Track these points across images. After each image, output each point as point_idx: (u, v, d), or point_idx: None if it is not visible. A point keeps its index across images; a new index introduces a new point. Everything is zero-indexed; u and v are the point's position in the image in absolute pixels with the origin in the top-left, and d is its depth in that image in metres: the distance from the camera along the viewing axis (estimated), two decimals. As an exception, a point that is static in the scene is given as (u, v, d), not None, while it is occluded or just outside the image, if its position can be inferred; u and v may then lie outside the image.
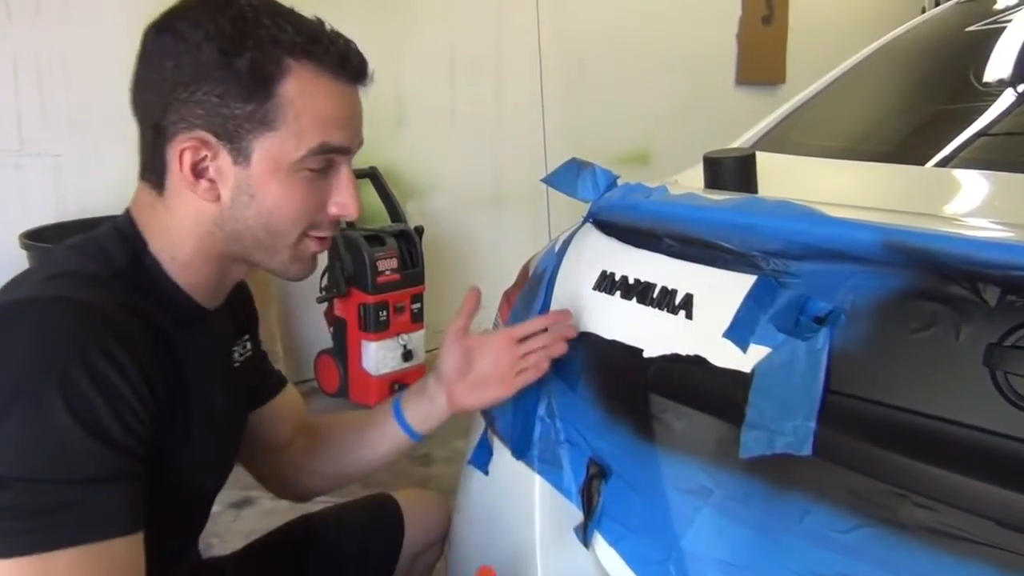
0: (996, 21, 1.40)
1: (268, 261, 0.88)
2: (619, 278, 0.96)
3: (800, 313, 0.75)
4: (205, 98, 0.78)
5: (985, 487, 0.63)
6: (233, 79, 0.78)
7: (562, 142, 3.85)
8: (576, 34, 3.93)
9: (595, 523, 0.96)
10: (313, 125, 0.81)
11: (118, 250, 0.83)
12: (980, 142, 1.11)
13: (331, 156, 0.84)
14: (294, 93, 0.80)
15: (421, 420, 1.10)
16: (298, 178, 0.82)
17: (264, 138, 0.80)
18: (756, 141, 1.35)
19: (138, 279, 0.83)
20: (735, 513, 0.82)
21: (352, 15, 3.23)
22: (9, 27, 2.51)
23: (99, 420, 0.70)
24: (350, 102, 0.85)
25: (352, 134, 0.86)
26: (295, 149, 0.81)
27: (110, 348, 0.72)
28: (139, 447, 0.74)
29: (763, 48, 4.73)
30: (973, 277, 0.65)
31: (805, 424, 0.72)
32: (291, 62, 0.80)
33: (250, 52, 0.78)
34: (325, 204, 0.86)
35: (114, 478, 0.72)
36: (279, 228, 0.84)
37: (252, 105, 0.79)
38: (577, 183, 1.05)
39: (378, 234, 3.02)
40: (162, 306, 0.83)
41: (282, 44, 0.79)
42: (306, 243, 0.87)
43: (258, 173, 0.81)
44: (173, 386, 0.80)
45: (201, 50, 0.77)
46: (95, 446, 0.70)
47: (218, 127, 0.79)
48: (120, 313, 0.76)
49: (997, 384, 0.63)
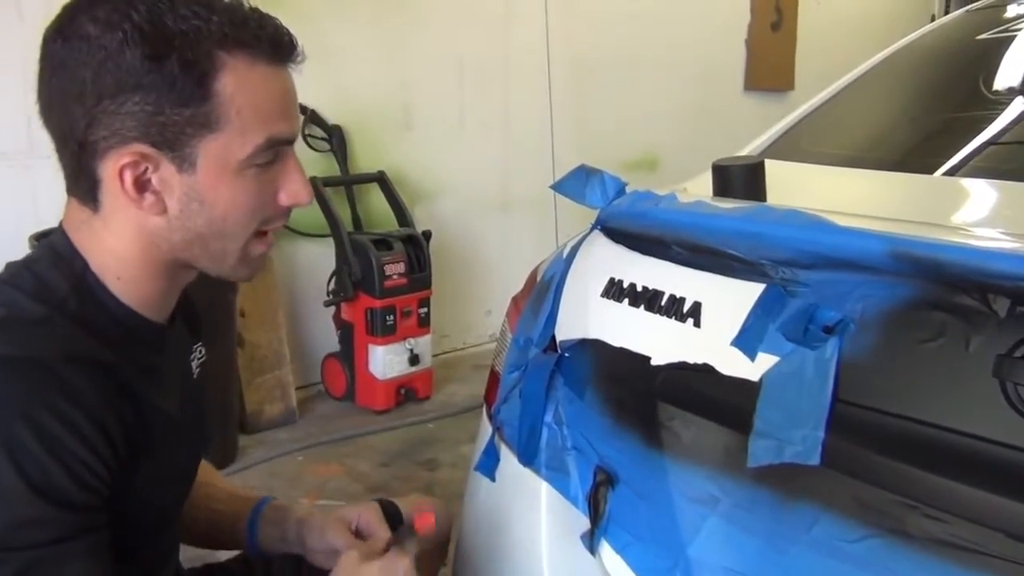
0: (1007, 29, 1.39)
1: (216, 267, 0.83)
2: (627, 285, 0.96)
3: (809, 322, 0.75)
4: (136, 108, 0.72)
5: (994, 498, 0.63)
6: (165, 84, 0.72)
7: (570, 147, 3.85)
8: (584, 40, 3.94)
9: (602, 530, 0.96)
10: (256, 120, 0.76)
11: (58, 279, 0.77)
12: (989, 151, 1.11)
13: (280, 149, 0.80)
14: (232, 89, 0.74)
15: (268, 549, 1.07)
16: (247, 176, 0.78)
17: (207, 141, 0.75)
18: (765, 149, 1.35)
19: (84, 309, 0.77)
20: (742, 522, 0.82)
21: (361, 20, 3.25)
22: (21, 30, 2.53)
23: (53, 484, 0.68)
24: (286, 87, 0.80)
25: (294, 120, 0.82)
26: (242, 148, 0.76)
27: (59, 407, 0.69)
28: (99, 500, 0.72)
29: (772, 55, 4.72)
30: (982, 288, 0.65)
31: (814, 433, 0.72)
32: (223, 55, 0.74)
33: (178, 52, 0.72)
34: (276, 196, 0.82)
35: (77, 535, 0.70)
36: (232, 231, 0.80)
37: (190, 109, 0.73)
38: (585, 190, 1.05)
39: (385, 238, 3.03)
40: (110, 335, 0.78)
41: (210, 36, 0.73)
42: (254, 244, 0.83)
43: (205, 178, 0.76)
44: (132, 425, 0.77)
45: (123, 56, 0.71)
46: (52, 511, 0.68)
47: (156, 137, 0.74)
48: (67, 365, 0.71)
49: (1007, 395, 0.62)
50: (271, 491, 2.54)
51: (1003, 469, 0.62)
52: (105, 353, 0.76)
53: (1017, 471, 0.62)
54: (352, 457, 2.72)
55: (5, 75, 2.53)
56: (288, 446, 2.79)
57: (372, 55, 3.32)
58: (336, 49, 3.17)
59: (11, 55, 2.52)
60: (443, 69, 3.55)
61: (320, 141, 3.15)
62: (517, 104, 3.79)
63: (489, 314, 3.81)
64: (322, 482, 2.56)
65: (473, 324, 3.83)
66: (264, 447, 2.78)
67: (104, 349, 0.76)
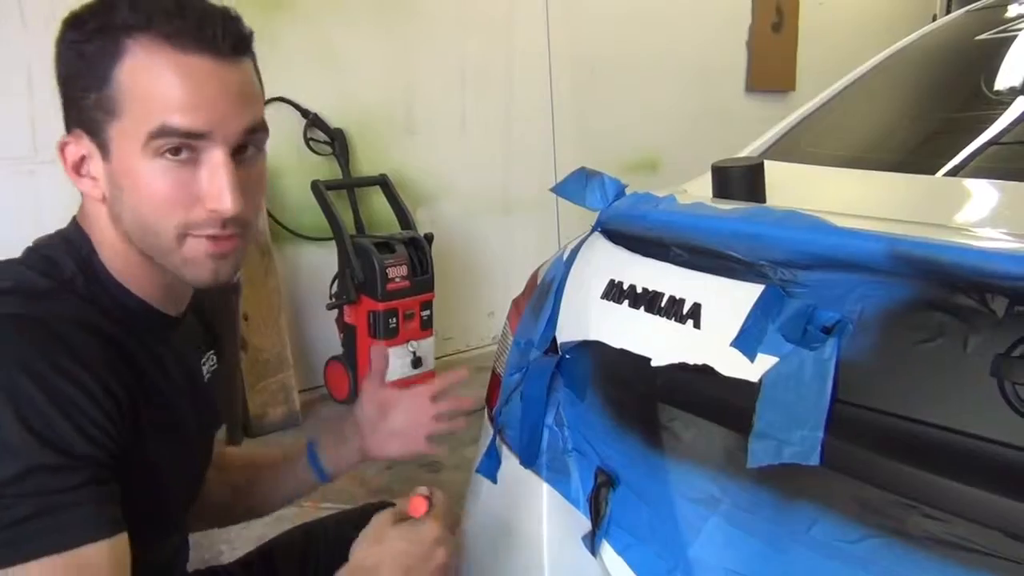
0: (1006, 30, 1.39)
1: (165, 262, 0.81)
2: (627, 287, 0.96)
3: (808, 323, 0.75)
4: (72, 93, 0.77)
5: (992, 498, 0.63)
6: (85, 71, 0.75)
7: (572, 150, 3.86)
8: (586, 42, 3.94)
9: (603, 532, 0.96)
10: (153, 107, 0.74)
11: (66, 259, 0.80)
12: (991, 151, 1.11)
13: (187, 142, 0.75)
14: (132, 74, 0.74)
15: (333, 462, 1.11)
16: (155, 166, 0.75)
17: (114, 127, 0.76)
18: (765, 150, 1.35)
19: (90, 288, 0.80)
20: (743, 522, 0.82)
21: (364, 24, 3.26)
22: (24, 35, 2.54)
23: (58, 433, 0.69)
24: (201, 78, 0.75)
25: (206, 113, 0.75)
26: (137, 133, 0.75)
27: (59, 359, 0.70)
28: (104, 454, 0.72)
29: (773, 56, 4.73)
30: (980, 287, 0.65)
31: (813, 434, 0.72)
32: (128, 41, 0.74)
33: (93, 37, 0.74)
34: (199, 197, 0.77)
35: (82, 485, 0.70)
36: (151, 224, 0.78)
37: (97, 93, 0.75)
38: (585, 192, 1.05)
39: (388, 241, 3.04)
40: (116, 315, 0.80)
41: (119, 24, 0.74)
42: (191, 244, 0.79)
43: (118, 165, 0.77)
44: (136, 395, 0.77)
45: (67, 46, 0.76)
46: (56, 458, 0.69)
47: (84, 123, 0.77)
48: (69, 326, 0.73)
49: (1005, 395, 0.63)
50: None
51: (1001, 468, 0.62)
52: (111, 327, 0.78)
53: (1015, 470, 0.62)
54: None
55: (9, 80, 2.54)
56: (291, 449, 2.79)
57: (375, 59, 3.33)
58: (339, 53, 3.18)
59: (15, 60, 2.54)
60: (445, 73, 3.56)
61: (322, 145, 3.16)
62: (519, 107, 3.80)
63: (491, 316, 3.81)
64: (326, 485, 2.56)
65: (475, 326, 3.84)
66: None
67: (111, 324, 0.79)
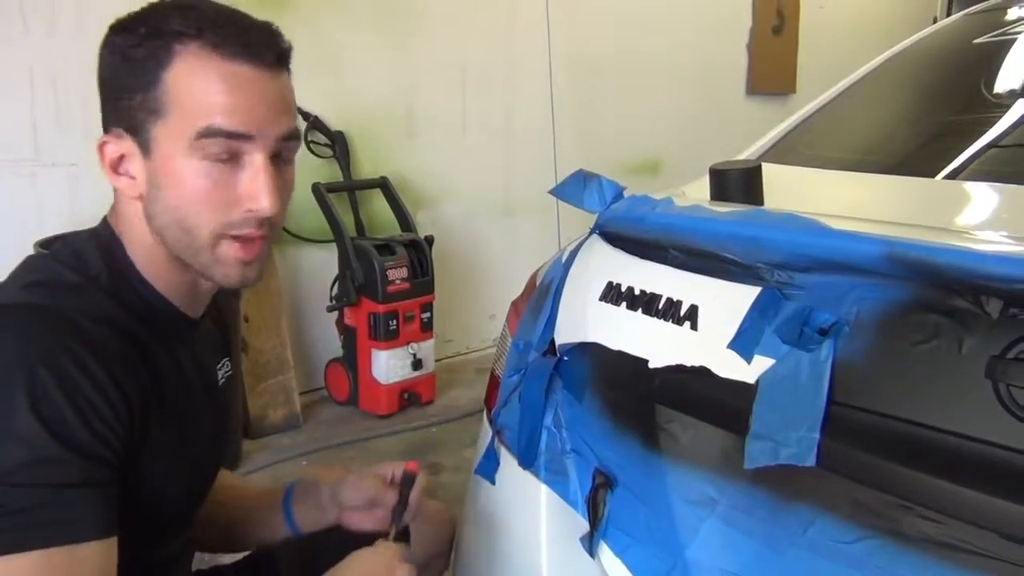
0: (1005, 33, 1.40)
1: (194, 262, 0.84)
2: (625, 289, 0.96)
3: (804, 324, 0.75)
4: (115, 94, 0.81)
5: (987, 499, 0.63)
6: (129, 71, 0.79)
7: (572, 152, 3.86)
8: (586, 45, 3.95)
9: (601, 533, 0.96)
10: (199, 108, 0.78)
11: (94, 255, 0.83)
12: (990, 154, 1.11)
13: (231, 143, 0.79)
14: (179, 77, 0.78)
15: (308, 524, 1.11)
16: (198, 167, 0.79)
17: (158, 127, 0.79)
18: (764, 152, 1.35)
19: (116, 285, 0.82)
20: (740, 524, 0.83)
21: (365, 26, 3.26)
22: (26, 39, 2.54)
23: (67, 426, 0.70)
24: (245, 85, 0.79)
25: (249, 117, 0.80)
26: (183, 134, 0.79)
27: (80, 355, 0.72)
28: (111, 454, 0.74)
29: (774, 58, 4.73)
30: (976, 290, 0.65)
31: (809, 435, 0.72)
32: (178, 47, 0.79)
33: (143, 42, 0.79)
34: (237, 198, 0.81)
35: (83, 483, 0.71)
36: (189, 223, 0.81)
37: (144, 94, 0.79)
38: (584, 194, 1.06)
39: (388, 243, 3.04)
40: (140, 313, 0.83)
41: (168, 29, 0.79)
42: (224, 246, 0.82)
43: (160, 164, 0.80)
44: (149, 396, 0.79)
45: (113, 50, 0.80)
46: (62, 452, 0.70)
47: (126, 121, 0.81)
48: (93, 323, 0.75)
49: (999, 396, 0.63)
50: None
51: (996, 469, 0.63)
52: (133, 324, 0.81)
53: (1010, 471, 0.62)
54: (356, 462, 2.72)
55: (11, 85, 2.55)
56: (292, 451, 2.79)
57: (375, 61, 3.33)
58: (340, 55, 3.18)
59: (17, 65, 2.55)
60: (446, 75, 3.57)
61: (323, 147, 3.16)
62: (519, 109, 3.81)
63: (492, 318, 3.82)
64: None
65: (476, 328, 3.84)
66: (268, 452, 2.79)
67: (133, 321, 0.81)
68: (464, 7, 3.57)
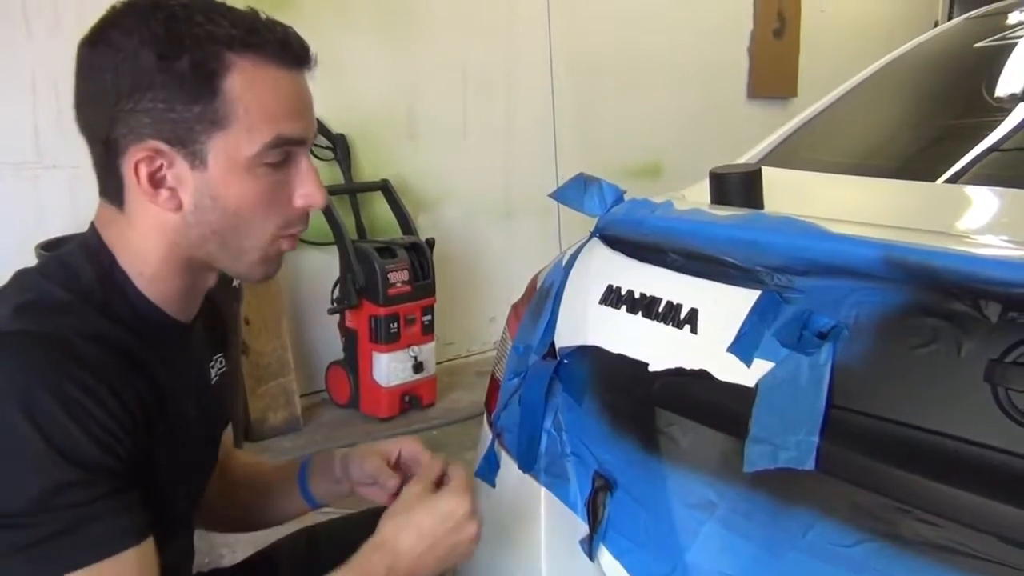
0: (1005, 37, 1.40)
1: (235, 264, 0.85)
2: (625, 292, 0.97)
3: (803, 328, 0.76)
4: (151, 106, 0.76)
5: (986, 502, 0.64)
6: (175, 82, 0.76)
7: (574, 155, 3.86)
8: (587, 47, 3.95)
9: (600, 536, 0.96)
10: (264, 118, 0.79)
11: (86, 269, 0.82)
12: (991, 158, 1.11)
13: (289, 149, 0.82)
14: (240, 87, 0.77)
15: (326, 496, 1.11)
16: (258, 174, 0.80)
17: (217, 138, 0.78)
18: (764, 156, 1.35)
19: (108, 299, 0.81)
20: (739, 527, 0.83)
21: (366, 29, 3.27)
22: (28, 42, 2.55)
23: (79, 448, 0.70)
24: (298, 89, 0.83)
25: (306, 123, 0.84)
26: (249, 145, 0.79)
27: (78, 375, 0.72)
28: (121, 466, 0.74)
29: (775, 61, 4.73)
30: (974, 293, 0.66)
31: (808, 439, 0.72)
32: (231, 56, 0.77)
33: (188, 52, 0.76)
34: (291, 198, 0.84)
35: (109, 495, 0.72)
36: (247, 229, 0.82)
37: (199, 106, 0.77)
38: (584, 198, 1.06)
39: (389, 246, 3.04)
40: (132, 326, 0.82)
41: (219, 39, 0.77)
42: (278, 243, 0.86)
43: (217, 175, 0.79)
44: (148, 406, 0.79)
45: (138, 57, 0.75)
46: (81, 473, 0.70)
47: (169, 133, 0.77)
48: (87, 343, 0.75)
49: (998, 400, 0.63)
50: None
51: (995, 473, 0.63)
52: (126, 338, 0.80)
53: (1009, 475, 0.62)
54: (356, 464, 2.73)
55: (14, 88, 2.56)
56: (292, 454, 2.79)
57: (376, 64, 3.34)
58: (341, 58, 3.19)
59: (20, 69, 2.56)
60: (447, 78, 3.57)
61: (324, 150, 3.17)
62: (520, 112, 3.81)
63: (493, 321, 3.82)
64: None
65: (477, 331, 3.84)
66: (268, 455, 2.79)
67: (126, 335, 0.80)
68: (465, 9, 3.57)
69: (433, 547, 0.87)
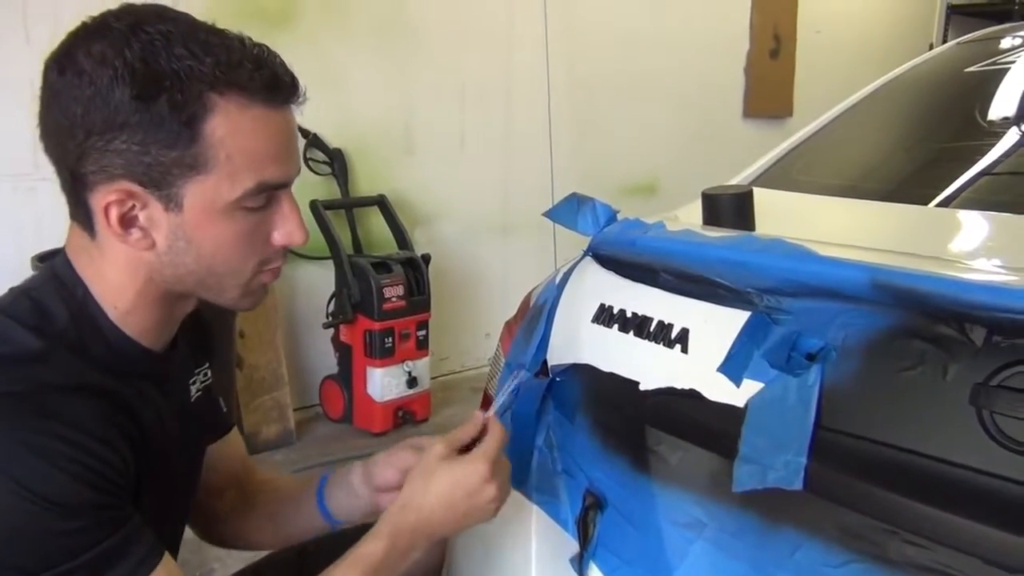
0: (996, 62, 1.42)
1: (216, 298, 0.84)
2: (617, 311, 0.97)
3: (792, 349, 0.76)
4: (124, 147, 0.72)
5: (971, 524, 0.64)
6: (152, 124, 0.71)
7: (570, 172, 3.88)
8: (585, 65, 3.98)
9: (590, 554, 0.97)
10: (247, 164, 0.75)
11: (59, 307, 0.78)
12: (982, 182, 1.12)
13: (273, 192, 0.79)
14: (223, 132, 0.73)
15: (345, 513, 1.08)
16: (236, 218, 0.77)
17: (195, 182, 0.74)
18: (757, 177, 1.36)
19: (83, 339, 0.78)
20: (728, 547, 0.83)
21: (364, 44, 3.29)
22: (27, 52, 2.56)
23: (71, 494, 0.70)
24: (283, 129, 0.78)
25: (290, 165, 0.80)
26: (230, 191, 0.75)
27: (55, 430, 0.70)
28: (120, 500, 0.74)
29: (771, 82, 4.76)
30: (960, 317, 0.66)
31: (796, 459, 0.73)
32: (215, 97, 0.72)
33: (167, 92, 0.71)
34: (270, 237, 0.81)
35: (116, 530, 0.73)
36: (225, 269, 0.80)
37: (177, 150, 0.72)
38: (577, 217, 1.07)
39: (385, 261, 3.05)
40: (111, 365, 0.79)
41: (202, 77, 0.72)
42: (259, 278, 0.83)
43: (192, 218, 0.75)
44: (134, 441, 0.78)
45: (112, 94, 0.70)
46: (82, 520, 0.71)
47: (142, 175, 0.73)
48: (62, 395, 0.72)
49: (983, 423, 0.64)
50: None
51: (979, 495, 0.64)
52: (103, 380, 0.77)
53: (993, 497, 0.63)
54: (349, 479, 2.72)
55: (11, 97, 2.56)
56: (285, 468, 2.79)
57: (374, 79, 3.35)
58: (339, 73, 3.20)
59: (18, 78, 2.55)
60: (445, 93, 3.59)
61: (321, 164, 3.18)
62: (518, 129, 3.83)
63: (488, 337, 3.82)
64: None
65: (472, 347, 3.84)
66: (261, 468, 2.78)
67: (103, 376, 0.77)
68: (463, 26, 3.60)
69: (451, 508, 0.87)
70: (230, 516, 1.11)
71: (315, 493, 1.08)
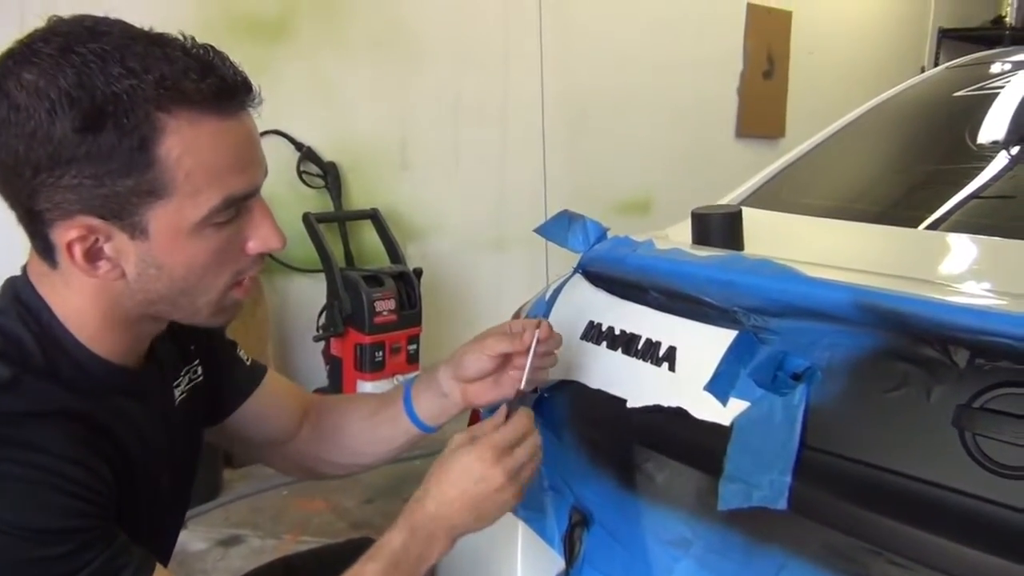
0: (983, 87, 1.43)
1: (188, 319, 0.81)
2: (606, 329, 0.98)
3: (778, 369, 0.77)
4: (75, 182, 0.67)
5: (953, 546, 0.64)
6: (102, 156, 0.66)
7: (563, 189, 3.89)
8: (579, 83, 4.00)
9: (577, 571, 0.97)
10: (209, 181, 0.71)
11: (24, 334, 0.75)
12: (971, 205, 1.13)
13: (241, 204, 0.75)
14: (178, 151, 0.68)
15: (434, 416, 1.05)
16: (206, 235, 0.74)
17: (157, 207, 0.70)
18: (747, 197, 1.37)
19: (52, 363, 0.75)
20: (714, 565, 0.83)
21: (359, 59, 3.30)
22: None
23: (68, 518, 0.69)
24: (242, 137, 0.73)
25: (255, 171, 0.75)
26: (195, 211, 0.71)
27: (26, 457, 0.68)
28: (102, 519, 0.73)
29: (763, 102, 4.80)
30: (944, 340, 0.67)
31: (781, 478, 0.73)
32: (163, 116, 0.67)
33: (112, 119, 0.66)
34: (244, 246, 0.78)
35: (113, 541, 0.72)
36: (198, 288, 0.77)
37: (133, 178, 0.68)
38: (568, 234, 1.07)
39: (377, 275, 3.05)
40: (82, 386, 0.76)
41: (146, 97, 0.67)
42: (231, 294, 0.80)
43: (160, 244, 0.72)
44: (113, 460, 0.76)
45: (53, 129, 0.65)
46: (60, 548, 0.69)
47: (100, 208, 0.69)
48: (32, 421, 0.70)
49: (965, 445, 0.64)
50: (255, 527, 2.51)
51: (961, 517, 0.64)
52: (76, 402, 0.75)
53: (974, 519, 0.63)
54: (337, 493, 2.71)
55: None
56: (273, 480, 2.77)
57: (369, 93, 3.37)
58: (334, 87, 3.22)
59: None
60: (439, 109, 3.60)
61: (315, 178, 3.18)
62: (512, 145, 3.84)
63: (479, 352, 3.81)
64: (306, 517, 2.55)
65: (463, 362, 3.83)
66: (249, 481, 2.77)
67: (75, 398, 0.75)
68: (459, 42, 3.61)
69: (463, 495, 0.85)
70: (315, 451, 1.09)
71: (402, 401, 1.06)
